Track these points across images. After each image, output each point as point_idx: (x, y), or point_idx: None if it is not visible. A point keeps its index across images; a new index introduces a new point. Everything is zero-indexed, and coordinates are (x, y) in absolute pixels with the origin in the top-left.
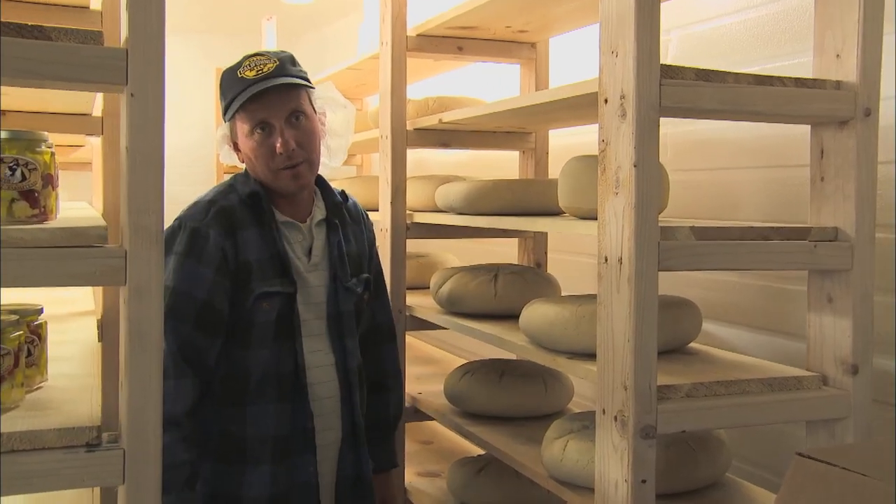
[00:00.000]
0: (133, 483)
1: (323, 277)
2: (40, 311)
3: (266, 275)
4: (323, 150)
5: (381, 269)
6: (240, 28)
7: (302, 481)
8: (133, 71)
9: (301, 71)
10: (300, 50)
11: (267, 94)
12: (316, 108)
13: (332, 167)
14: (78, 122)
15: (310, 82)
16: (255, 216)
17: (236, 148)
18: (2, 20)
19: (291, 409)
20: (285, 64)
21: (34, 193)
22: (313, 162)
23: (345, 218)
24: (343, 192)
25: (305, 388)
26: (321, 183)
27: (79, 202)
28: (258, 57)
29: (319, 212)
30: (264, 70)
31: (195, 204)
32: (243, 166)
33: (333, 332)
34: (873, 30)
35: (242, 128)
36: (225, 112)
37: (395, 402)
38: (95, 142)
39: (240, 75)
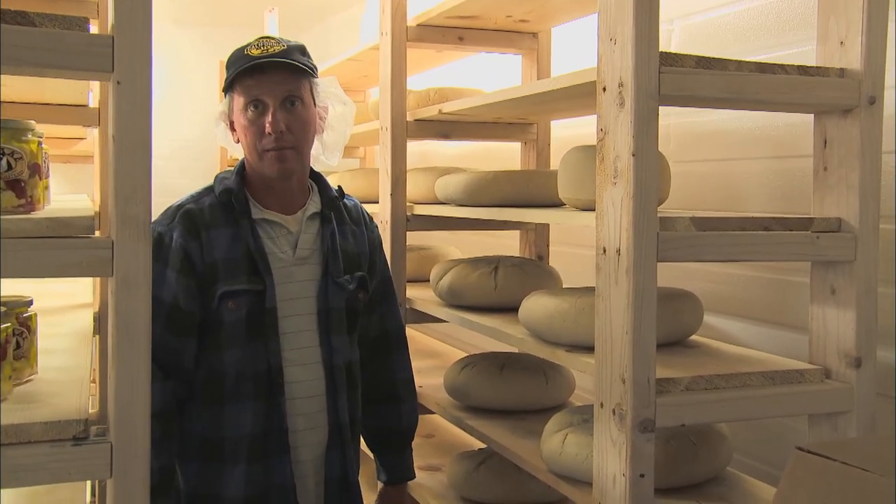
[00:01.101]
0: (121, 476)
1: (313, 272)
2: (30, 302)
3: (234, 273)
4: (318, 144)
5: (390, 276)
6: (242, 20)
7: (278, 482)
8: (119, 58)
9: (308, 61)
10: (302, 42)
11: (266, 73)
12: (318, 102)
13: (329, 164)
14: (75, 113)
15: (314, 72)
16: (227, 215)
17: (232, 127)
18: None
19: (266, 409)
20: (292, 50)
21: (20, 183)
22: (301, 150)
23: (342, 214)
24: (340, 189)
25: (281, 388)
26: (317, 177)
27: (80, 195)
28: (268, 39)
29: (314, 205)
30: (269, 51)
31: (166, 210)
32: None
33: (322, 328)
34: (878, 16)
35: (238, 102)
36: (225, 86)
37: (407, 412)
38: (96, 133)
39: (245, 52)
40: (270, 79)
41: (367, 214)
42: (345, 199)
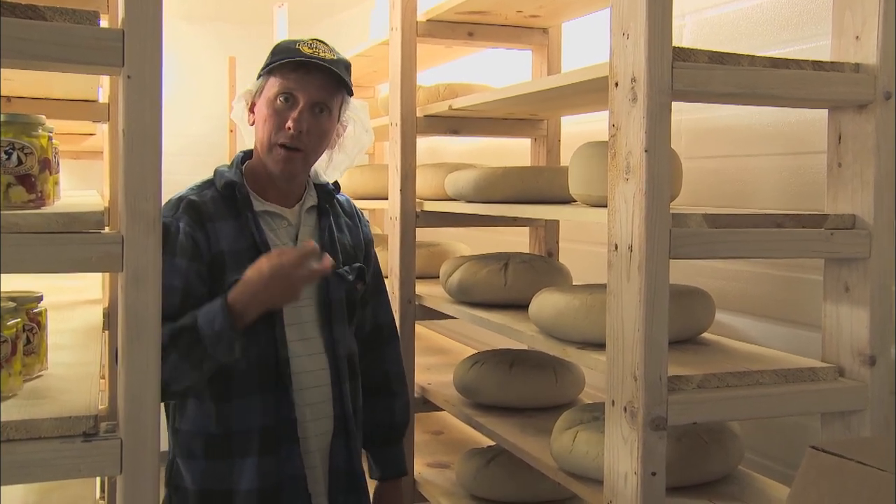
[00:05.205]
0: (131, 473)
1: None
2: (40, 298)
3: (240, 264)
4: (325, 157)
5: (380, 270)
6: (252, 16)
7: (289, 473)
8: (130, 52)
9: (349, 78)
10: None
11: (310, 73)
12: (341, 118)
13: (327, 179)
14: (84, 108)
15: (351, 91)
16: (230, 207)
17: (251, 109)
18: None
19: (275, 400)
20: (340, 63)
21: (31, 178)
22: (310, 158)
23: (336, 208)
24: (336, 182)
25: (288, 378)
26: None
27: (89, 190)
28: (321, 43)
29: (311, 199)
30: (320, 55)
31: (167, 202)
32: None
33: (324, 318)
34: (895, 10)
35: (270, 89)
36: (263, 68)
37: (400, 406)
38: (106, 129)
39: (296, 46)
40: (312, 79)
41: (359, 210)
42: (337, 195)
